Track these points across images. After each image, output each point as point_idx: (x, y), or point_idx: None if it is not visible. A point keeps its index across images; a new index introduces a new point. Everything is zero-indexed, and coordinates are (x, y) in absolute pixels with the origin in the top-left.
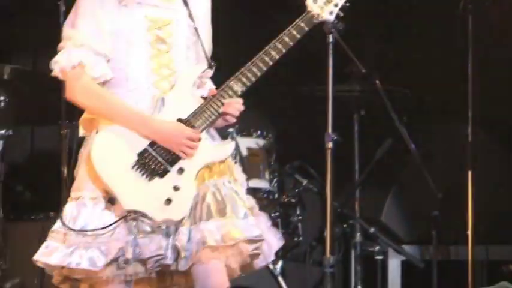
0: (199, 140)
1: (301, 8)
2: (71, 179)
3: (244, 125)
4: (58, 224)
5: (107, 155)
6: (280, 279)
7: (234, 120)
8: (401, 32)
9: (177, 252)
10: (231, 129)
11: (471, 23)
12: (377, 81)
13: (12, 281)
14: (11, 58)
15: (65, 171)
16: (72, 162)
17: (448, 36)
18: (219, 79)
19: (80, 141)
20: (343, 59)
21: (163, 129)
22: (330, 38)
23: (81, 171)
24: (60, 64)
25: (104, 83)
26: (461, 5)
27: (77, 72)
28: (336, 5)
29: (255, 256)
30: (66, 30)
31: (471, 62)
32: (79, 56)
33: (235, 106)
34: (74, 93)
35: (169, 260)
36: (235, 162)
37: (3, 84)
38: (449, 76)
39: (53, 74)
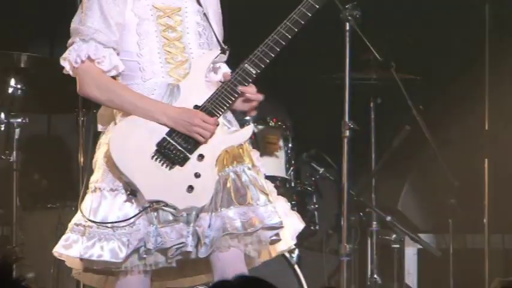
0: (215, 123)
1: None
2: (88, 168)
3: (260, 114)
4: (78, 216)
5: (125, 147)
6: (296, 267)
7: (254, 98)
8: (419, 19)
9: (197, 239)
10: (247, 118)
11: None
12: (393, 69)
13: (27, 275)
14: (28, 46)
15: (82, 159)
16: (90, 152)
17: (466, 25)
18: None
19: (97, 131)
20: (360, 46)
21: (177, 114)
22: (347, 26)
23: (99, 162)
24: (69, 60)
25: (118, 75)
26: None
27: (87, 67)
28: None
29: (275, 241)
30: (74, 26)
31: (488, 52)
32: (87, 51)
33: (253, 88)
34: (86, 88)
35: (189, 248)
36: (253, 148)
37: (20, 73)
38: (467, 64)
39: (65, 71)
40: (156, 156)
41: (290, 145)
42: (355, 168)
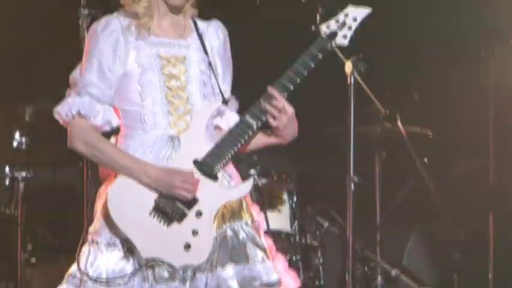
0: (197, 182)
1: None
2: (91, 220)
3: (265, 167)
4: (74, 267)
5: (123, 202)
6: None
7: (280, 122)
8: (424, 71)
9: None
10: (252, 171)
11: (492, 65)
12: (399, 122)
13: None
14: (32, 99)
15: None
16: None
17: (470, 77)
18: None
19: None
20: (365, 99)
21: (158, 176)
22: (351, 79)
23: (98, 214)
24: (60, 114)
25: (121, 126)
26: (482, 46)
27: (76, 122)
28: (349, 28)
29: None
30: (73, 76)
31: (492, 103)
32: (79, 106)
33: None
34: (73, 142)
35: None
36: (253, 201)
37: (25, 126)
38: (471, 116)
39: (59, 121)
40: (154, 213)
41: (294, 199)
42: (360, 221)
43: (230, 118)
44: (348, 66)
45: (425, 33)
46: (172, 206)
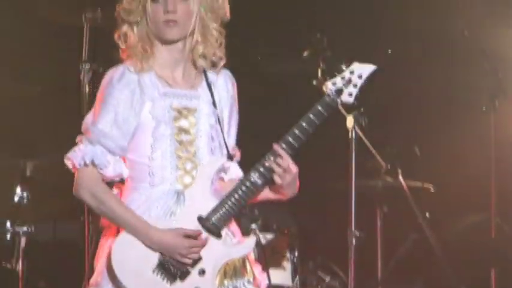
0: (203, 244)
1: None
2: (92, 272)
3: (266, 221)
4: None
5: (127, 258)
6: None
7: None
8: (426, 125)
9: None
10: (253, 226)
11: (493, 120)
12: (400, 177)
13: None
14: (34, 154)
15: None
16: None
17: (471, 131)
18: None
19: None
20: (366, 154)
21: (162, 241)
22: (353, 134)
23: (100, 266)
24: (72, 160)
25: (127, 177)
26: (484, 101)
27: (88, 171)
28: (355, 86)
29: None
30: (86, 123)
31: (494, 158)
32: (92, 155)
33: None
34: (81, 191)
35: None
36: (256, 259)
37: (25, 181)
38: (473, 171)
39: (67, 166)
40: (157, 270)
41: (296, 253)
42: (362, 276)
43: (234, 173)
44: (350, 120)
45: (426, 88)
46: (176, 264)
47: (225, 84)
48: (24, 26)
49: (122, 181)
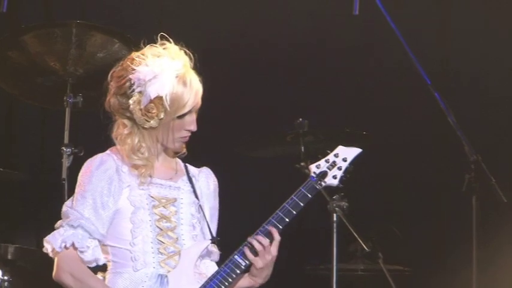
0: None
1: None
2: None
3: None
4: None
5: None
6: None
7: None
8: (407, 208)
9: None
10: None
11: (475, 203)
12: (381, 261)
13: None
14: (14, 238)
15: None
16: None
17: (451, 213)
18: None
19: None
20: (348, 237)
21: None
22: (334, 217)
23: None
24: (51, 244)
25: (110, 263)
26: (465, 183)
27: (67, 253)
28: (339, 168)
29: None
30: (65, 209)
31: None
32: (73, 238)
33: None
34: (61, 274)
35: None
36: None
37: (7, 264)
38: (455, 258)
39: (44, 250)
40: None
41: None
42: None
43: (210, 266)
44: (331, 204)
45: (406, 174)
46: None
47: (206, 181)
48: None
49: (103, 267)
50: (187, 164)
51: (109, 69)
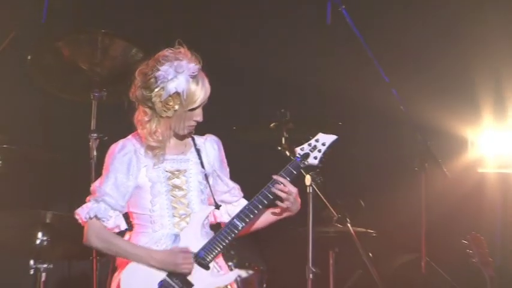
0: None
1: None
2: None
3: (240, 260)
4: None
5: (134, 284)
6: None
7: (289, 201)
8: (369, 183)
9: None
10: (230, 263)
11: (423, 178)
12: (348, 224)
13: None
14: (52, 206)
15: None
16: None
17: (406, 187)
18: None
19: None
20: (321, 205)
21: (163, 257)
22: (310, 189)
23: None
24: (80, 215)
25: (133, 226)
26: (416, 163)
27: (92, 223)
28: (320, 151)
29: None
30: (93, 186)
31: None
32: (96, 210)
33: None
34: (89, 238)
35: None
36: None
37: (46, 227)
38: (407, 218)
39: (76, 217)
40: None
41: (264, 286)
42: None
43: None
44: (308, 179)
45: (370, 153)
46: (178, 283)
47: (211, 147)
48: (44, 103)
49: (131, 229)
50: (194, 136)
51: (128, 69)
